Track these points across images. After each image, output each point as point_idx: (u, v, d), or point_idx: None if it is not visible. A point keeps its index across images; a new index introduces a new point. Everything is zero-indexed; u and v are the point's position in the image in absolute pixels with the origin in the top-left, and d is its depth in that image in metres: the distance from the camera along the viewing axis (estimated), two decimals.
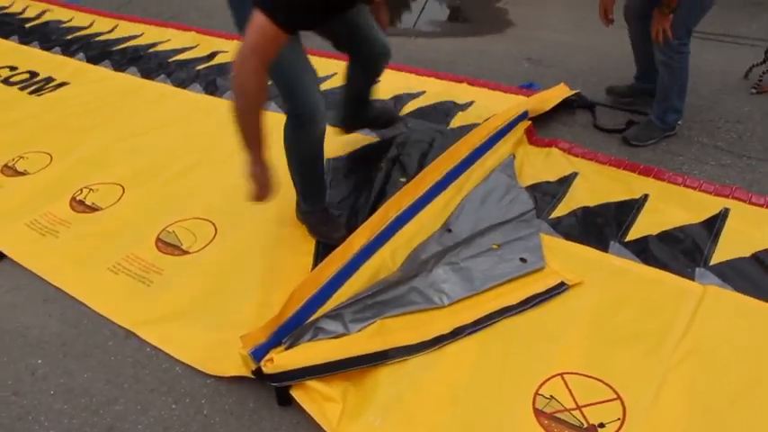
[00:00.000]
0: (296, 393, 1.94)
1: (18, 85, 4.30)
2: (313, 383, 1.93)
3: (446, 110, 3.58)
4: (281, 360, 1.94)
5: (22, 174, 3.19)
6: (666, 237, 2.50)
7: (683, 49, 2.95)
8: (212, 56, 4.54)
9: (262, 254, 2.56)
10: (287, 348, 2.00)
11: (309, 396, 1.93)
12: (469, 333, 2.13)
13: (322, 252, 2.48)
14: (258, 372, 1.96)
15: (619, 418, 1.83)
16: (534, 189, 2.81)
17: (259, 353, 1.97)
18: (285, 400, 1.96)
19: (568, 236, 2.55)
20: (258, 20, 1.82)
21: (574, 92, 3.55)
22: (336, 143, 3.25)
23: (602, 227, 2.58)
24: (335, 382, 1.95)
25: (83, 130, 3.55)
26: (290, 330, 2.05)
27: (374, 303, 2.18)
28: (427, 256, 2.42)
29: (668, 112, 3.14)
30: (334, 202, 2.81)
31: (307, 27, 2.08)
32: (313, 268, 2.38)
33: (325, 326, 2.08)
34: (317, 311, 2.15)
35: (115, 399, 2.02)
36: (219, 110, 3.69)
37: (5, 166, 3.28)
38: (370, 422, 1.88)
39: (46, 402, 2.03)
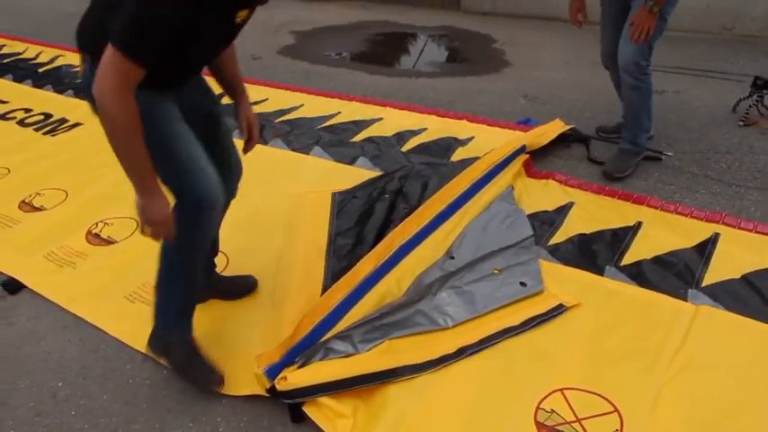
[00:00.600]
0: (308, 410, 2.02)
1: (33, 126, 4.45)
2: (325, 400, 2.01)
3: (447, 145, 3.72)
4: (294, 378, 2.03)
5: (39, 209, 3.30)
6: (660, 261, 2.61)
7: (648, 70, 3.15)
8: (220, 97, 4.69)
9: (273, 282, 2.64)
10: (299, 367, 2.08)
11: (322, 413, 2.00)
12: (473, 353, 2.22)
13: (331, 280, 2.58)
14: (272, 390, 2.05)
15: (617, 430, 1.91)
16: (533, 218, 2.93)
17: (273, 371, 2.05)
18: (298, 416, 2.04)
19: (566, 261, 2.66)
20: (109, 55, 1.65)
21: (569, 126, 3.69)
22: (340, 177, 3.42)
23: (598, 252, 2.70)
24: (346, 400, 2.03)
25: (97, 168, 3.66)
26: (303, 350, 2.14)
27: (381, 325, 2.27)
28: (431, 281, 2.52)
29: (640, 135, 3.32)
30: (341, 231, 2.92)
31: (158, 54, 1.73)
32: (322, 294, 2.48)
33: (335, 346, 2.17)
34: (327, 333, 2.24)
35: (134, 418, 2.10)
36: None
37: (23, 202, 3.40)
38: None
39: (68, 422, 2.11)
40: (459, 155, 3.62)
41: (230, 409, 2.11)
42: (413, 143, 3.80)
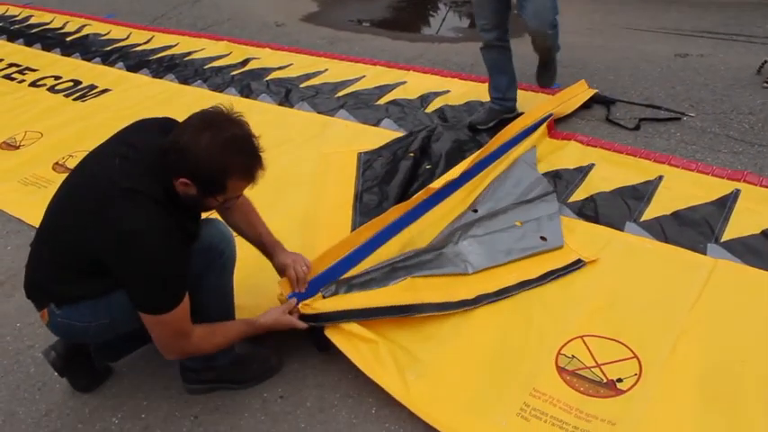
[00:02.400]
0: (331, 335, 2.09)
1: (63, 93, 4.55)
2: (349, 327, 2.08)
3: (470, 108, 3.75)
4: (317, 305, 2.13)
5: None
6: (679, 215, 2.64)
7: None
8: (246, 62, 4.78)
9: (301, 238, 2.69)
10: (323, 298, 2.17)
11: (347, 340, 2.08)
12: (491, 302, 2.28)
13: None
14: None
15: (636, 374, 1.97)
16: (554, 176, 2.97)
17: (297, 298, 2.13)
18: (324, 345, 2.13)
19: (586, 217, 2.70)
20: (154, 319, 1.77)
21: (593, 91, 3.70)
22: (365, 138, 3.49)
23: (618, 208, 2.73)
24: (371, 329, 2.10)
25: None
26: (324, 283, 2.22)
27: (405, 266, 2.34)
28: (453, 231, 2.58)
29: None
30: (367, 188, 2.99)
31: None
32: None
33: (358, 281, 2.25)
34: (350, 271, 2.32)
35: None
36: (256, 111, 3.91)
37: (56, 163, 3.51)
38: (404, 376, 2.03)
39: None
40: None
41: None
42: (436, 104, 3.84)
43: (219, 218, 2.10)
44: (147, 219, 1.68)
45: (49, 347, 2.07)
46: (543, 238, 2.54)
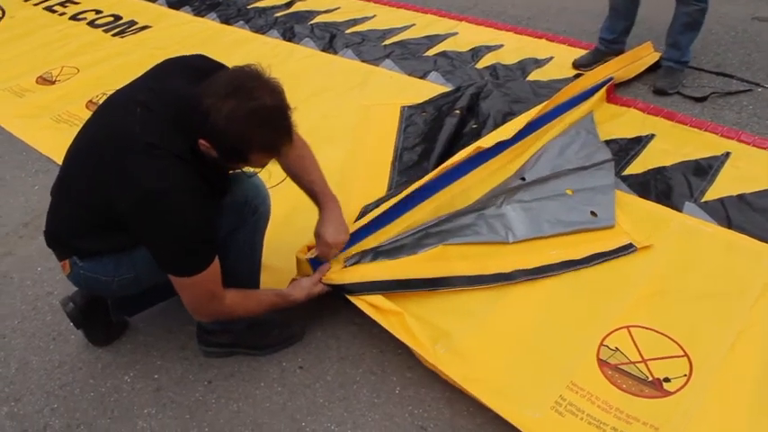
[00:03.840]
0: (358, 303, 1.96)
1: (102, 28, 4.43)
2: (372, 300, 1.95)
3: (523, 67, 3.51)
4: (338, 275, 1.99)
5: None
6: (746, 199, 2.40)
7: None
8: (290, 4, 4.59)
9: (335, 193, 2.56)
10: (345, 267, 2.03)
11: (374, 308, 1.95)
12: (528, 279, 2.12)
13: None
14: None
15: (685, 375, 1.80)
16: (609, 145, 2.73)
17: (317, 264, 2.01)
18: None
19: (641, 193, 2.49)
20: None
21: (659, 55, 3.42)
22: (410, 91, 3.30)
23: (678, 186, 2.51)
24: (398, 302, 1.96)
25: None
26: (348, 247, 2.08)
27: (439, 231, 2.19)
28: (497, 194, 2.40)
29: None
30: (408, 146, 2.82)
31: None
32: None
33: (385, 249, 2.10)
34: (379, 231, 2.19)
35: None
36: (297, 55, 3.75)
37: (90, 101, 3.42)
38: (434, 347, 1.89)
39: None
40: (535, 75, 3.41)
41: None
42: (488, 60, 3.61)
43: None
44: (173, 177, 1.55)
45: (68, 298, 1.99)
46: (593, 214, 2.34)
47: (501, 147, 2.63)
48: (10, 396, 1.95)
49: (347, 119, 3.10)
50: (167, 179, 1.55)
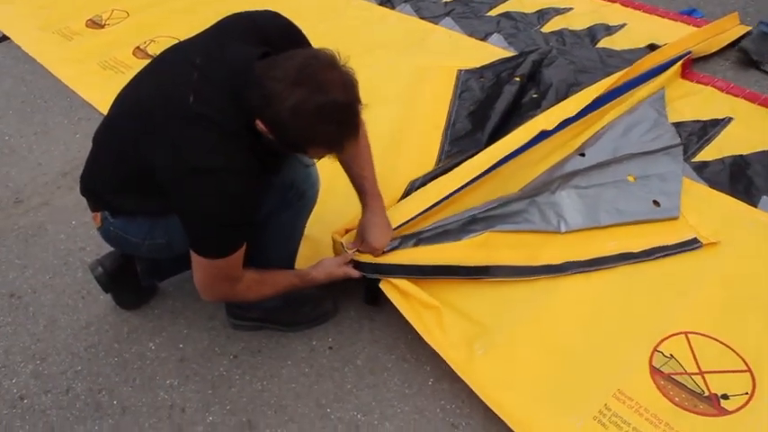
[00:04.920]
0: (388, 291, 1.85)
1: None
2: (408, 288, 1.83)
3: (592, 34, 3.28)
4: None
5: (153, 57, 3.20)
6: None
7: None
8: None
9: (381, 158, 2.42)
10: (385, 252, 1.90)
11: (404, 299, 1.84)
12: (579, 272, 1.98)
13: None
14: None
15: (747, 393, 1.64)
16: (680, 127, 2.53)
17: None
18: (371, 297, 1.92)
19: (712, 183, 2.30)
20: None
21: (747, 29, 3.15)
22: (469, 54, 3.14)
23: (755, 178, 2.30)
24: (434, 293, 1.86)
25: (212, 18, 3.50)
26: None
27: (486, 217, 2.04)
28: (552, 179, 2.24)
29: None
30: (462, 114, 2.67)
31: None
32: None
33: (428, 235, 1.96)
34: (422, 216, 2.05)
35: None
36: (352, 8, 3.64)
37: (137, 48, 3.34)
38: (471, 348, 1.78)
39: None
40: (605, 43, 3.19)
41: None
42: (555, 24, 3.39)
43: None
44: (221, 156, 1.44)
45: (96, 262, 1.94)
46: (656, 203, 2.16)
47: (562, 124, 2.44)
48: (36, 354, 1.93)
49: (400, 80, 2.95)
50: (215, 157, 1.44)
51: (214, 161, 1.43)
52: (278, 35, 1.56)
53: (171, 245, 1.72)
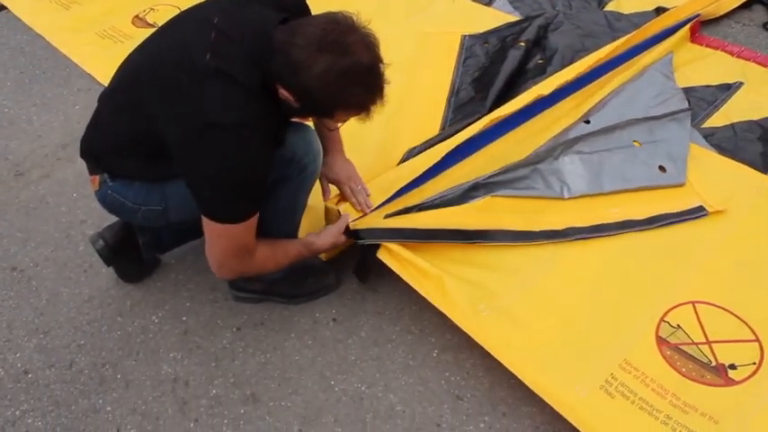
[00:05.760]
0: (388, 260, 1.83)
1: None
2: (409, 257, 1.80)
3: None
4: (372, 220, 1.86)
5: (152, 26, 3.15)
6: None
7: None
8: None
9: (384, 126, 2.36)
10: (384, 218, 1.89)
11: (405, 268, 1.81)
12: (582, 238, 1.96)
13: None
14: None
15: (754, 363, 1.63)
16: (688, 92, 2.48)
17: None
18: (363, 273, 1.90)
19: (721, 150, 2.26)
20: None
21: None
22: (473, 18, 3.09)
23: (766, 144, 2.26)
24: (435, 260, 1.82)
25: None
26: (387, 203, 1.93)
27: (488, 183, 2.03)
28: (556, 145, 2.20)
29: None
30: (466, 80, 2.63)
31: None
32: None
33: (429, 204, 1.95)
34: (424, 185, 2.03)
35: None
36: None
37: (137, 17, 3.27)
38: (476, 308, 1.76)
39: None
40: (612, 6, 3.15)
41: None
42: None
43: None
44: (242, 111, 1.42)
45: (97, 235, 1.92)
46: (662, 169, 2.13)
47: (565, 91, 2.40)
48: (39, 328, 1.91)
49: (404, 46, 2.88)
50: (235, 112, 1.41)
51: (232, 115, 1.41)
52: (292, 2, 1.56)
53: (167, 212, 1.70)
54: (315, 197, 1.89)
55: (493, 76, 2.60)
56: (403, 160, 2.16)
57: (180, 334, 1.87)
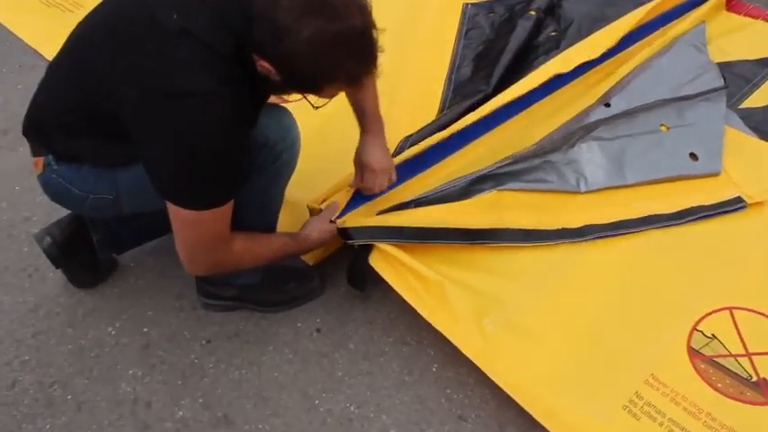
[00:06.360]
0: (380, 267, 1.83)
1: None
2: (406, 260, 1.79)
3: None
4: (362, 218, 1.88)
5: None
6: None
7: None
8: None
9: None
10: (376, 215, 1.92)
11: (398, 275, 1.82)
12: (601, 237, 1.98)
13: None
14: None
15: None
16: (723, 68, 2.51)
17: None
18: (359, 279, 1.90)
19: (761, 133, 2.30)
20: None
21: None
22: None
23: None
24: (435, 266, 1.82)
25: None
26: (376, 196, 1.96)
27: (495, 174, 2.04)
28: (571, 131, 2.22)
29: None
30: (468, 55, 2.65)
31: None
32: None
33: (426, 200, 1.97)
34: (419, 174, 2.06)
35: None
36: None
37: None
38: (479, 323, 1.76)
39: None
40: None
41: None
42: None
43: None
44: (211, 80, 1.41)
45: (44, 231, 1.91)
46: (693, 156, 2.16)
47: (581, 67, 2.42)
48: None
49: (394, 14, 2.86)
50: (204, 78, 1.41)
51: (204, 82, 1.40)
52: None
53: (118, 202, 1.70)
54: (295, 191, 1.89)
55: (499, 50, 2.61)
56: (397, 152, 2.15)
57: (141, 348, 1.87)
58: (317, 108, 1.69)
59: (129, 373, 1.81)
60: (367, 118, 1.88)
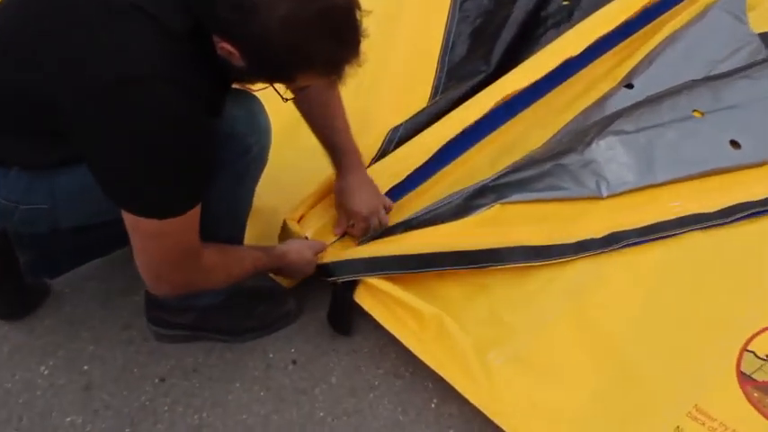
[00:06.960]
0: (366, 303, 1.83)
1: None
2: (397, 293, 1.78)
3: None
4: (343, 251, 1.90)
5: None
6: None
7: None
8: None
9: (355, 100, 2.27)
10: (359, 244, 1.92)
11: (387, 309, 1.82)
12: (631, 245, 1.96)
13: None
14: None
15: None
16: (766, 39, 2.53)
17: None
18: (341, 322, 1.90)
19: None
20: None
21: None
22: None
23: None
24: (430, 297, 1.81)
25: None
26: None
27: (496, 186, 2.04)
28: (588, 126, 2.22)
29: None
30: (463, 34, 2.64)
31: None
32: None
33: (419, 220, 1.97)
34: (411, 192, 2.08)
35: None
36: None
37: None
38: (484, 359, 1.74)
39: None
40: None
41: None
42: None
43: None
44: (166, 63, 1.37)
45: None
46: (735, 144, 2.17)
47: (598, 48, 2.44)
48: None
49: None
50: (158, 62, 1.36)
51: (158, 66, 1.36)
52: None
53: (54, 213, 1.64)
54: (264, 194, 1.86)
55: (500, 24, 2.60)
56: (384, 147, 2.16)
57: (80, 390, 1.84)
58: (286, 101, 1.67)
59: (66, 420, 1.77)
60: (340, 152, 1.93)
